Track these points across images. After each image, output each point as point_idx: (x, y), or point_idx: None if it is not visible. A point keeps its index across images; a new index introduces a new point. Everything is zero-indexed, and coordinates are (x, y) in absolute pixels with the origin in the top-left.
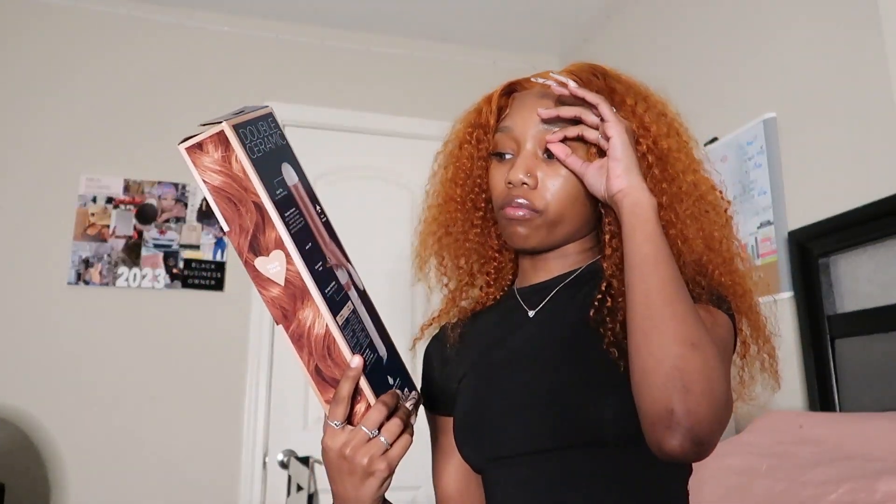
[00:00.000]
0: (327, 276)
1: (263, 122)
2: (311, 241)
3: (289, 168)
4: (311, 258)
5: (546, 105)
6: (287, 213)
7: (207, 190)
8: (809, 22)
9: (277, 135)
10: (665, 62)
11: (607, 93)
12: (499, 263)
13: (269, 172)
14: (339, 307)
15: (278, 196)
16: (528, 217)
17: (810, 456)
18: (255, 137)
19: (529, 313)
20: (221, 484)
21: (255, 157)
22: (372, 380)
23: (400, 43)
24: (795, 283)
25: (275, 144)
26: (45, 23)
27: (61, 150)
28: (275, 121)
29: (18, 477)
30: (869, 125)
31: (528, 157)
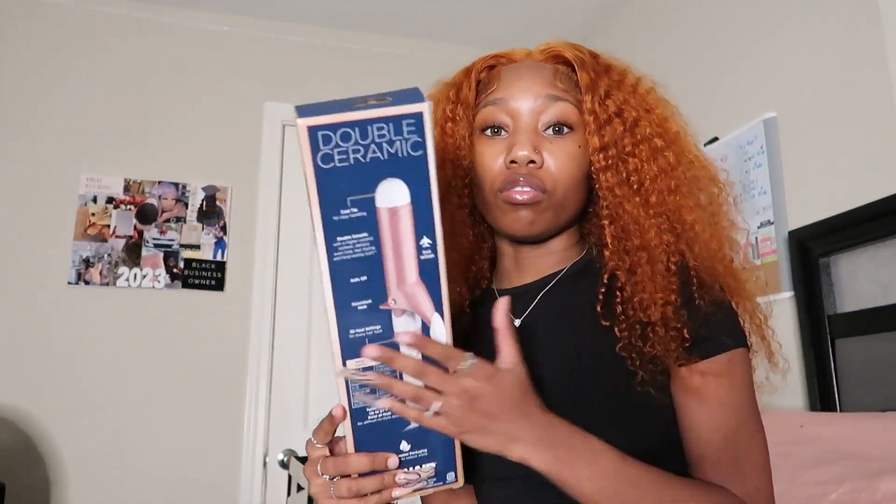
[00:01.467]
0: (369, 316)
1: (387, 124)
2: (367, 275)
3: (397, 185)
4: (352, 292)
5: (544, 79)
6: (343, 238)
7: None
8: (810, 21)
9: (409, 143)
10: (665, 62)
11: (603, 71)
12: (477, 265)
13: (347, 187)
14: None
15: (343, 215)
16: (536, 199)
17: (811, 456)
18: (349, 142)
19: (516, 322)
20: (222, 483)
21: (329, 167)
22: (367, 435)
23: (400, 43)
24: (796, 283)
25: (389, 155)
26: (45, 22)
27: (61, 149)
28: (418, 125)
29: (18, 477)
30: (869, 125)
31: (531, 133)
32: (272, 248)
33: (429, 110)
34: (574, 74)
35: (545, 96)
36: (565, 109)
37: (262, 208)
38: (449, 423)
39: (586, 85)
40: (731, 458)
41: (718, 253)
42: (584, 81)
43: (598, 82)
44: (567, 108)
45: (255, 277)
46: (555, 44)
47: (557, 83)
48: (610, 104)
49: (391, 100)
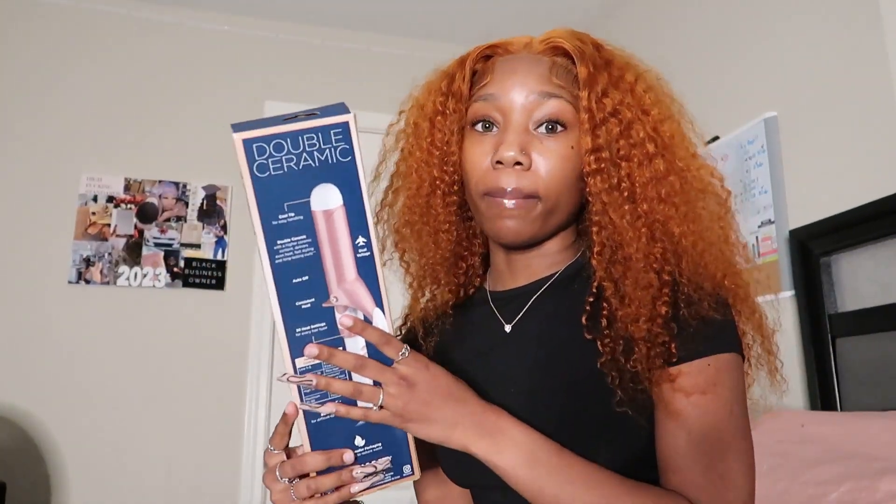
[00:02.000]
0: (313, 315)
1: (317, 134)
2: (309, 275)
3: (329, 190)
4: (296, 293)
5: (539, 74)
6: (283, 241)
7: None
8: (810, 21)
9: (338, 151)
10: (665, 61)
11: (604, 65)
12: (468, 263)
13: (284, 193)
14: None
15: (282, 220)
16: (524, 207)
17: (811, 455)
18: (282, 152)
19: (506, 327)
20: (222, 483)
21: (265, 176)
22: (321, 433)
23: (400, 43)
24: (796, 283)
25: (320, 162)
26: (46, 22)
27: (62, 149)
28: (345, 134)
29: (19, 476)
30: (870, 124)
31: (520, 131)
32: None
33: (354, 121)
34: (574, 67)
35: (538, 92)
36: (558, 107)
37: None
38: (392, 414)
39: (584, 80)
40: (701, 466)
41: (711, 267)
42: (582, 76)
43: (597, 77)
44: (560, 106)
45: (255, 276)
46: (556, 33)
47: (553, 78)
48: (607, 102)
49: (319, 114)
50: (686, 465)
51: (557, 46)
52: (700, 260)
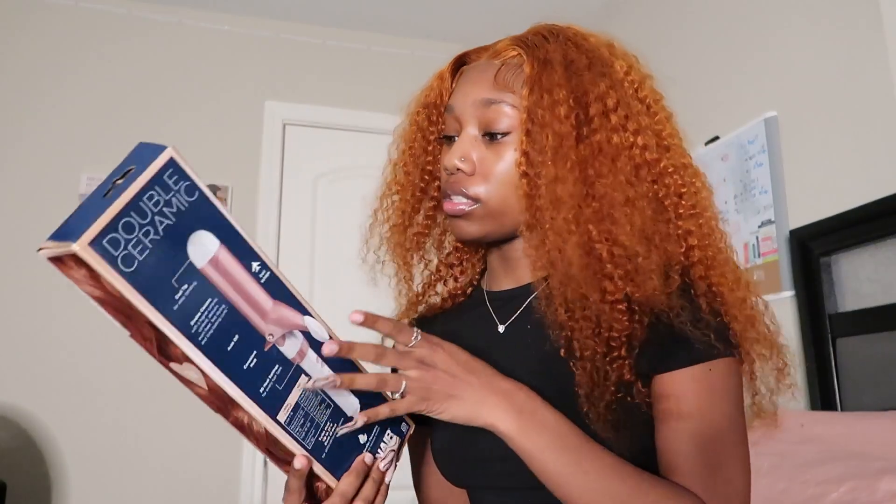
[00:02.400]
0: (264, 365)
1: (155, 189)
2: (237, 333)
3: (202, 238)
4: (237, 358)
5: (485, 80)
6: (195, 319)
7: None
8: (811, 21)
9: (182, 192)
10: (666, 61)
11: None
12: (465, 254)
13: (163, 272)
14: (283, 396)
15: (180, 300)
16: (466, 210)
17: (811, 455)
18: (135, 231)
19: (499, 328)
20: (222, 483)
21: (134, 268)
22: (334, 457)
23: (400, 42)
24: (796, 283)
25: (175, 215)
26: (46, 22)
27: (62, 148)
28: (177, 170)
29: (19, 475)
30: (870, 124)
31: (466, 140)
32: (272, 247)
33: (175, 151)
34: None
35: (480, 101)
36: (496, 112)
37: (262, 208)
38: (418, 398)
39: (526, 78)
40: (704, 469)
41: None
42: (526, 74)
43: (539, 74)
44: (498, 111)
45: None
46: (528, 31)
47: (500, 81)
48: (541, 100)
49: (135, 167)
50: (689, 468)
51: (512, 46)
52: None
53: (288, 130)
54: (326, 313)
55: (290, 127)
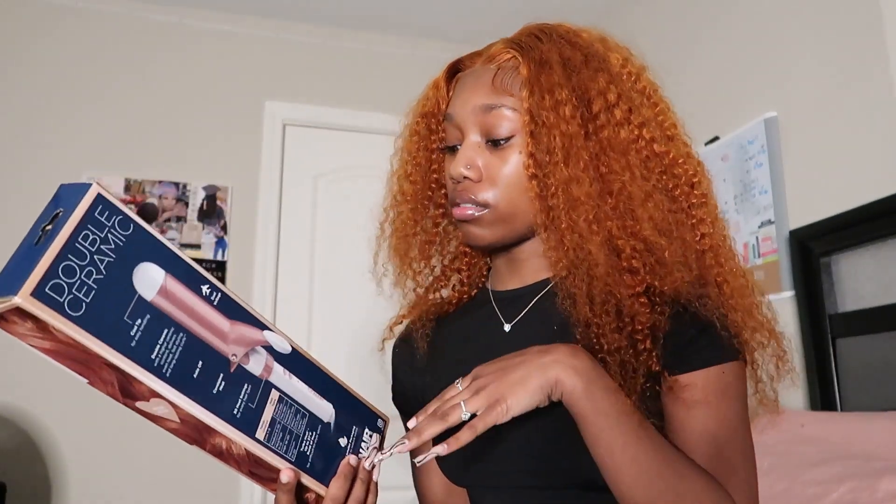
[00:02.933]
0: (233, 387)
1: (88, 228)
2: (200, 359)
3: (146, 269)
4: (205, 384)
5: (483, 86)
6: (155, 353)
7: (41, 354)
8: (811, 21)
9: (116, 226)
10: (666, 61)
11: (544, 60)
12: (471, 258)
13: (113, 310)
14: (258, 414)
15: (136, 335)
16: (476, 215)
17: (811, 455)
18: (76, 274)
19: (505, 327)
20: (222, 482)
21: (83, 311)
22: (318, 465)
23: (400, 42)
24: (796, 283)
25: (114, 252)
26: (45, 22)
27: (62, 149)
28: (107, 205)
29: (19, 476)
30: (870, 124)
31: (469, 147)
32: (272, 247)
33: (100, 187)
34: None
35: (480, 107)
36: (498, 117)
37: (262, 208)
38: (488, 408)
39: (525, 80)
40: (723, 472)
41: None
42: (523, 76)
43: (538, 75)
44: (500, 115)
45: (255, 277)
46: (519, 32)
47: (497, 86)
48: (543, 102)
49: (63, 210)
50: (709, 469)
51: (507, 49)
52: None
53: (288, 130)
54: (326, 313)
55: (290, 127)
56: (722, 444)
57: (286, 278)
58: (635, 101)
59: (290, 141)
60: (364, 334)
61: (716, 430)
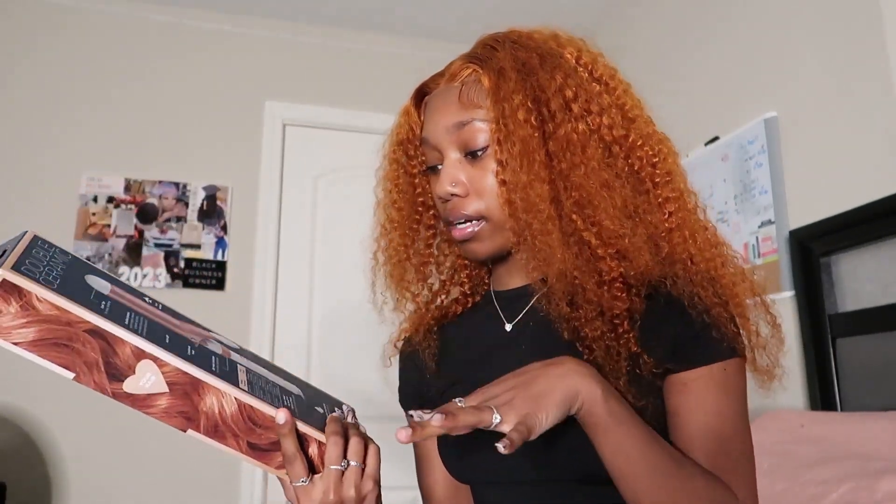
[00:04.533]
0: (203, 355)
1: (37, 249)
2: (167, 333)
3: (95, 279)
4: (178, 347)
5: (451, 104)
6: (126, 321)
7: (26, 350)
8: (811, 21)
9: (58, 252)
10: (666, 61)
11: (500, 68)
12: (471, 269)
13: (80, 292)
14: (234, 375)
15: (106, 309)
16: (475, 230)
17: (811, 455)
18: (41, 266)
19: (507, 326)
20: (222, 482)
21: (57, 285)
22: (307, 419)
23: (400, 42)
24: (796, 283)
25: (63, 264)
26: (46, 23)
27: (62, 149)
28: (45, 242)
29: (19, 476)
30: (870, 124)
31: (450, 166)
32: (272, 247)
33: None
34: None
35: (453, 125)
36: (471, 131)
37: (262, 208)
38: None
39: (488, 91)
40: (725, 468)
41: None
42: (486, 87)
43: (499, 84)
44: (472, 129)
45: (255, 277)
46: (476, 45)
47: (465, 102)
48: (504, 108)
49: (8, 248)
50: (711, 465)
51: (468, 64)
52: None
53: (288, 130)
54: (326, 312)
55: (290, 127)
56: (724, 440)
57: (286, 278)
58: (593, 90)
59: (290, 141)
60: (364, 334)
61: (718, 426)
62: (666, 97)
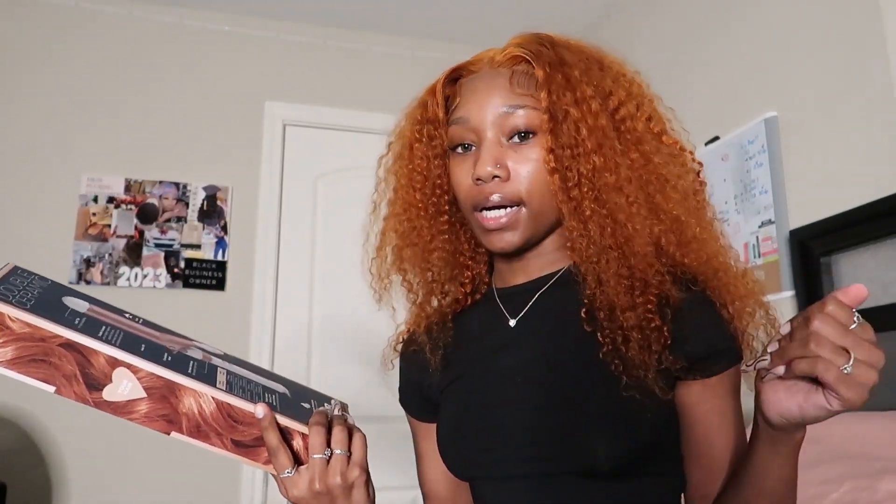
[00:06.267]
0: (180, 360)
1: (15, 277)
2: (142, 343)
3: (73, 300)
4: (153, 354)
5: (501, 88)
6: (100, 333)
7: (4, 368)
8: (811, 22)
9: (37, 279)
10: (666, 61)
11: (557, 63)
12: (473, 272)
13: (55, 311)
14: (212, 377)
15: (80, 324)
16: (512, 218)
17: (811, 455)
18: (16, 291)
19: (510, 322)
20: (223, 483)
21: (31, 306)
22: (289, 414)
23: (400, 43)
24: (796, 282)
25: (41, 288)
26: (46, 22)
27: (62, 149)
28: (25, 271)
29: (19, 476)
30: (870, 124)
31: (494, 146)
32: (272, 247)
33: (12, 264)
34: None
35: (503, 107)
36: (524, 116)
37: (262, 208)
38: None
39: (541, 82)
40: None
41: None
42: (539, 78)
43: (553, 77)
44: (526, 115)
45: (255, 277)
46: (514, 41)
47: (516, 88)
48: (564, 100)
49: None
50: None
51: (516, 55)
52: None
53: (288, 130)
54: (326, 312)
55: (290, 127)
56: (738, 443)
57: (286, 278)
58: (639, 99)
59: (290, 141)
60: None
61: (737, 422)
62: (666, 97)
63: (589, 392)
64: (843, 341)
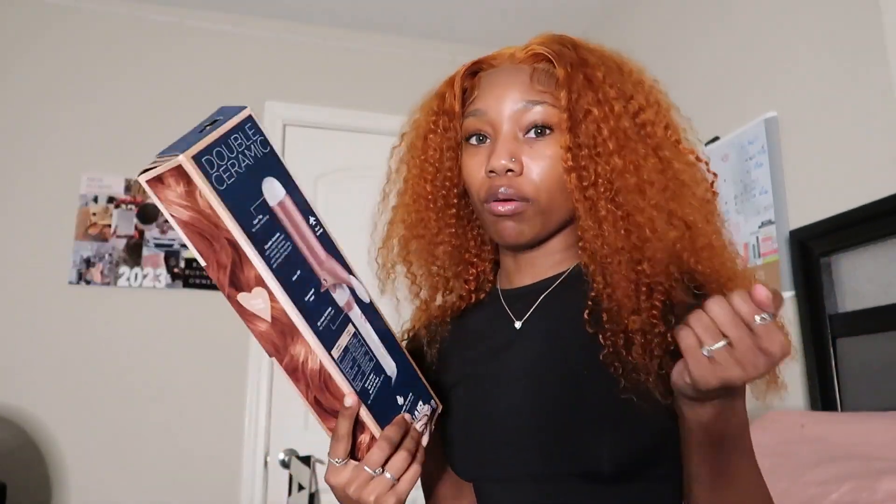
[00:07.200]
0: (320, 304)
1: (238, 134)
2: (299, 269)
3: (273, 183)
4: (300, 290)
5: (520, 83)
6: (268, 245)
7: (177, 225)
8: (811, 21)
9: (258, 143)
10: (666, 61)
11: (579, 64)
12: (478, 269)
13: (245, 199)
14: (335, 336)
15: (256, 226)
16: (519, 210)
17: (812, 455)
18: (224, 160)
19: (516, 324)
20: (223, 483)
21: (224, 188)
22: (376, 409)
23: (400, 43)
24: (797, 283)
25: (253, 158)
26: (46, 23)
27: (62, 149)
28: (254, 125)
29: (19, 476)
30: (870, 124)
31: (509, 140)
32: None
33: (250, 111)
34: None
35: (522, 101)
36: (542, 112)
37: None
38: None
39: (562, 80)
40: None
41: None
42: (560, 77)
43: (574, 77)
44: (544, 111)
45: None
46: (536, 40)
47: (536, 85)
48: (584, 100)
49: (222, 118)
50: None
51: (537, 53)
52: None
53: (288, 131)
54: None
55: (290, 127)
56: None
57: None
58: (658, 106)
59: (290, 141)
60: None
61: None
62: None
63: (592, 395)
64: (726, 328)
